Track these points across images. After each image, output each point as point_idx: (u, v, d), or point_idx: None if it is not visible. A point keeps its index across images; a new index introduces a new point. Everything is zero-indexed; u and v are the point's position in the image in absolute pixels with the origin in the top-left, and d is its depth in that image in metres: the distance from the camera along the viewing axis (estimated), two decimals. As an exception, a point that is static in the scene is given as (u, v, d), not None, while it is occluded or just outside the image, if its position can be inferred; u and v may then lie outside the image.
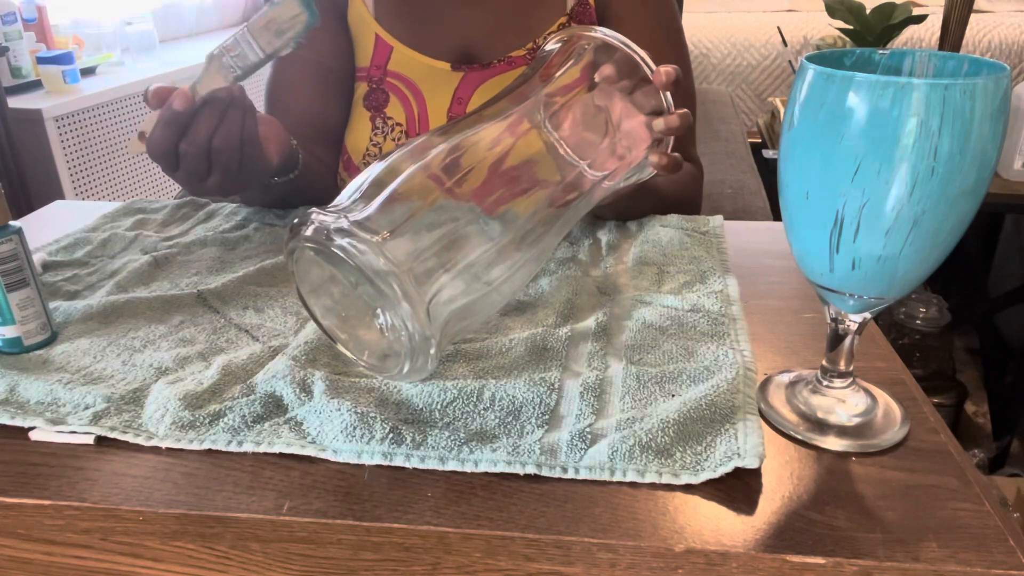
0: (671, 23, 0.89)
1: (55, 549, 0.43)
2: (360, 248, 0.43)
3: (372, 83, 0.87)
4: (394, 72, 0.86)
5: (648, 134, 0.59)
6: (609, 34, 0.59)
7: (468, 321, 0.49)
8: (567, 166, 0.55)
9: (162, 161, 0.62)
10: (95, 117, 1.90)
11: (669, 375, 0.49)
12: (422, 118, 0.86)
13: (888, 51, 0.44)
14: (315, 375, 0.49)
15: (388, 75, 0.87)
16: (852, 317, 0.44)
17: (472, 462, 0.42)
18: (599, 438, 0.44)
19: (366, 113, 0.86)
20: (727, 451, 0.42)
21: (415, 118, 0.85)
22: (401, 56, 0.86)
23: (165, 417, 0.46)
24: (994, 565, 0.36)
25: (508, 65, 0.86)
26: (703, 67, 2.54)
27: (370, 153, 0.86)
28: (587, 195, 0.56)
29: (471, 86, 0.85)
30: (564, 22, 0.87)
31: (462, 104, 0.85)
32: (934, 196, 0.38)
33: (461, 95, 0.85)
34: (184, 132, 0.60)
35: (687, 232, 0.71)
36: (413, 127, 0.85)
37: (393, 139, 0.85)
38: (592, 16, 0.88)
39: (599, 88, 0.59)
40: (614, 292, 0.61)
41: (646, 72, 0.58)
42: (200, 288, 0.63)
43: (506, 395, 0.47)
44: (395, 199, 0.46)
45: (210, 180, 0.63)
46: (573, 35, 0.60)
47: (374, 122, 0.86)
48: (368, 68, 0.87)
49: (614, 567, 0.38)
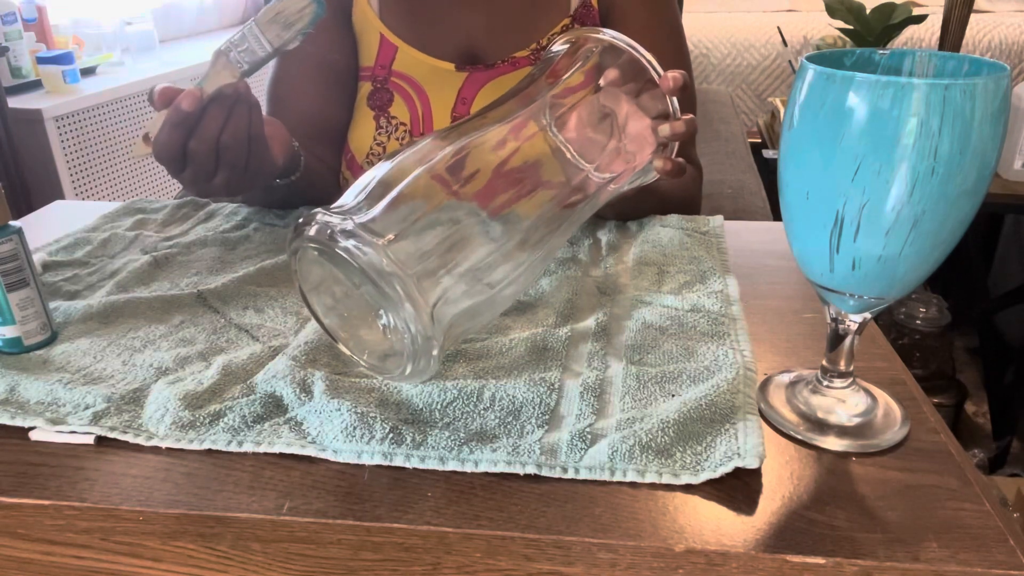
0: (673, 24, 0.90)
1: (55, 549, 0.43)
2: (364, 250, 0.43)
3: (376, 83, 0.87)
4: (398, 72, 0.87)
5: (653, 138, 0.59)
6: (616, 36, 0.58)
7: (472, 323, 0.49)
8: (573, 169, 0.55)
9: (169, 163, 0.62)
10: (95, 117, 1.90)
11: (669, 375, 0.49)
12: (426, 118, 0.86)
13: (888, 51, 0.44)
14: (315, 375, 0.49)
15: (392, 75, 0.87)
16: (852, 317, 0.44)
17: (472, 462, 0.42)
18: (599, 438, 0.44)
19: (370, 112, 0.87)
20: (727, 451, 0.42)
21: (419, 118, 0.86)
22: (406, 56, 0.87)
23: (165, 417, 0.46)
24: (994, 565, 0.36)
25: (512, 66, 0.86)
26: (703, 67, 2.55)
27: (374, 152, 0.86)
28: (592, 198, 0.56)
29: (475, 86, 0.86)
30: (568, 23, 0.87)
31: (466, 104, 0.85)
32: (934, 196, 0.38)
33: (465, 95, 0.86)
34: (192, 132, 0.60)
35: (687, 232, 0.71)
36: (417, 127, 0.85)
37: (397, 139, 0.86)
38: (595, 18, 0.88)
39: (605, 91, 0.59)
40: (614, 292, 0.61)
41: (652, 76, 0.58)
42: (200, 288, 0.63)
43: (506, 395, 0.47)
44: (400, 200, 0.46)
45: (217, 178, 0.63)
46: (579, 37, 0.60)
47: (378, 121, 0.86)
48: (372, 68, 0.88)
49: (614, 567, 0.38)
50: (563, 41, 0.61)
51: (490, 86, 0.86)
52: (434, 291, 0.44)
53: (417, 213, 0.46)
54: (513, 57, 0.87)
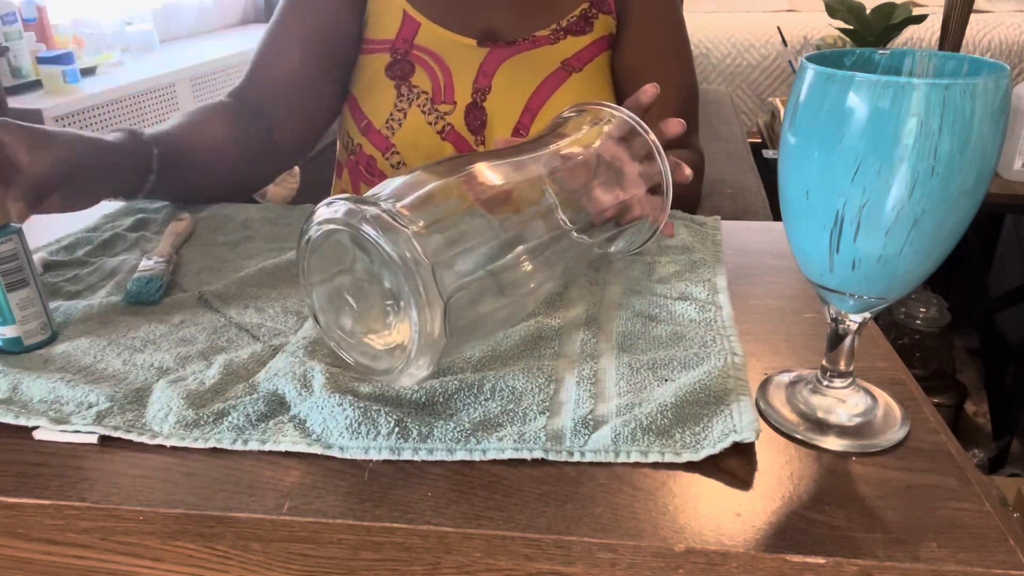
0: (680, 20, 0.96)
1: (55, 549, 0.43)
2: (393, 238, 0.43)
3: (397, 54, 0.90)
4: (420, 46, 0.90)
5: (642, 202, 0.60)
6: (625, 112, 0.61)
7: (474, 334, 0.50)
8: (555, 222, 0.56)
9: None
10: (95, 117, 1.89)
11: (660, 361, 0.50)
12: (447, 87, 0.89)
13: (888, 51, 0.44)
14: (315, 369, 0.49)
15: (415, 48, 0.90)
16: (852, 317, 0.45)
17: (480, 451, 0.43)
18: (601, 423, 0.45)
19: (390, 82, 0.89)
20: (724, 429, 0.43)
21: (440, 88, 0.89)
22: (427, 32, 0.90)
23: (169, 416, 0.46)
24: (994, 565, 0.36)
25: (532, 44, 0.90)
26: (703, 67, 2.54)
27: (394, 118, 0.89)
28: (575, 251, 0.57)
29: (496, 62, 0.89)
30: (586, 7, 0.92)
31: (488, 77, 0.89)
32: (934, 196, 0.38)
33: (487, 69, 0.89)
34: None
35: (684, 223, 0.73)
36: (439, 95, 0.89)
37: (419, 106, 0.89)
38: (611, 4, 0.92)
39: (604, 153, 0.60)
40: (605, 283, 0.62)
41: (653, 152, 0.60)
42: (201, 288, 0.63)
43: (506, 386, 0.48)
44: (428, 200, 0.47)
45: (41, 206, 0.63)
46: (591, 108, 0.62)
47: (399, 90, 0.89)
48: (393, 41, 0.90)
49: (614, 567, 0.38)
50: (573, 109, 0.63)
51: (510, 62, 0.89)
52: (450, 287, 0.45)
53: (444, 212, 0.47)
54: (533, 36, 0.90)
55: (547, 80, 0.88)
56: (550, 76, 0.88)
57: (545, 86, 0.88)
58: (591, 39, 0.91)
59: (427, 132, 0.88)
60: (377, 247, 0.43)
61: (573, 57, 0.90)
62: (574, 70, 0.89)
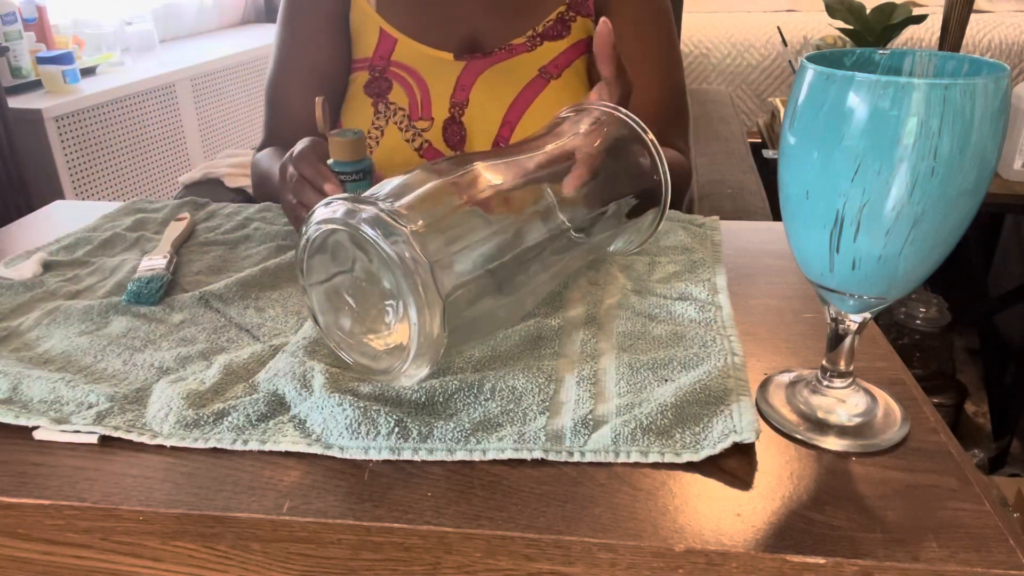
0: (664, 20, 0.93)
1: (55, 549, 0.43)
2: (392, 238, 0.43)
3: (374, 72, 0.90)
4: (397, 62, 0.89)
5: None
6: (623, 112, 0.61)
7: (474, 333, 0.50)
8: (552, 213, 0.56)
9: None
10: (95, 117, 1.89)
11: (660, 361, 0.50)
12: (424, 103, 0.88)
13: (888, 51, 0.44)
14: (314, 369, 0.49)
15: (392, 64, 0.90)
16: (852, 317, 0.44)
17: (480, 451, 0.43)
18: (601, 423, 0.45)
19: (367, 99, 0.89)
20: (724, 429, 0.43)
21: (418, 103, 0.88)
22: (405, 47, 0.90)
23: (169, 416, 0.46)
24: (994, 565, 0.36)
25: (508, 53, 0.89)
26: (703, 67, 2.54)
27: (371, 136, 0.89)
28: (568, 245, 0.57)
29: (473, 74, 0.88)
30: (563, 11, 0.90)
31: (465, 91, 0.88)
32: (934, 196, 0.38)
33: (464, 83, 0.88)
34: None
35: (682, 224, 0.73)
36: (416, 111, 0.88)
37: (395, 122, 0.88)
38: (590, 6, 0.91)
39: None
40: (605, 283, 0.62)
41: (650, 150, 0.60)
42: (200, 288, 0.63)
43: (506, 386, 0.48)
44: (427, 199, 0.47)
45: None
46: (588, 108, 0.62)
47: (376, 107, 0.88)
48: (371, 58, 0.90)
49: (614, 567, 0.38)
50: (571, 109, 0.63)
51: (487, 74, 0.88)
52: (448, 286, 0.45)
53: (443, 212, 0.47)
54: (510, 44, 0.89)
55: (525, 90, 0.87)
56: (528, 85, 0.87)
57: (523, 97, 0.87)
58: (568, 43, 0.90)
59: (404, 149, 0.87)
60: (376, 246, 0.43)
61: (551, 64, 0.88)
62: (552, 77, 0.88)
